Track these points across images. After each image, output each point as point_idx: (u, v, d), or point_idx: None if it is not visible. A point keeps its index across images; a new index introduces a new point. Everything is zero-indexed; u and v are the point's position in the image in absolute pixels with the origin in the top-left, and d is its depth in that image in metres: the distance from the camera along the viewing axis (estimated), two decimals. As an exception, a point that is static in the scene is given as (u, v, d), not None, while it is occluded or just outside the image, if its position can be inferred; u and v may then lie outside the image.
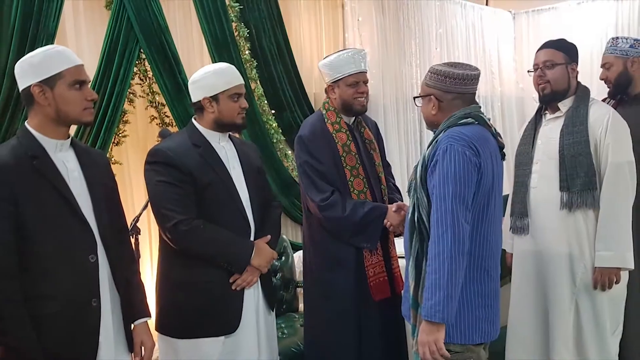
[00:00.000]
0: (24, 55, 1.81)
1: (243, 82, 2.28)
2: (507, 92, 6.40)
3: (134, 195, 3.63)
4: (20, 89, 1.78)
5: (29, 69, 1.75)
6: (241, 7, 4.01)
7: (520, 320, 2.63)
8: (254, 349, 2.23)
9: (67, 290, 1.74)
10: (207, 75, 2.22)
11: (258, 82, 4.15)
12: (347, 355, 2.56)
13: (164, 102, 3.63)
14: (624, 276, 2.48)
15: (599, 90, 3.23)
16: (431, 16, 5.55)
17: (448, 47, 5.74)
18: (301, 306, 3.24)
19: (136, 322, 1.99)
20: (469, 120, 1.92)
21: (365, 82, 2.61)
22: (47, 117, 1.77)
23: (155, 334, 2.17)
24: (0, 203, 1.65)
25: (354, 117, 2.68)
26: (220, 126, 2.24)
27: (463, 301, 1.86)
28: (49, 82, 1.74)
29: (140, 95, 3.62)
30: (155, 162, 2.15)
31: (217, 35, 3.83)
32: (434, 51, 5.54)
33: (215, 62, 3.68)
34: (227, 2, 3.93)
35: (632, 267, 2.43)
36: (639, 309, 2.77)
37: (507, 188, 2.52)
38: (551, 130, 2.57)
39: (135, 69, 3.52)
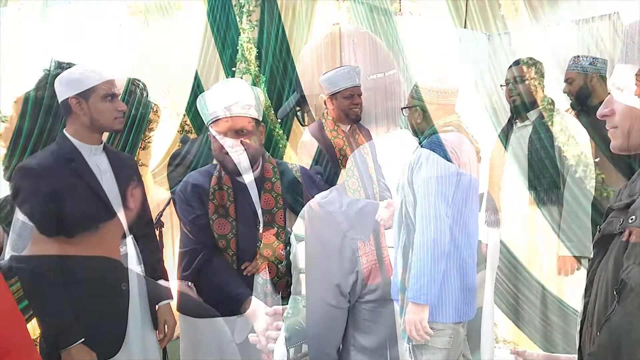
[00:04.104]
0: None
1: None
2: (483, 103, 6.39)
3: (158, 193, 3.62)
4: (60, 101, 1.78)
5: (67, 84, 1.76)
6: (252, 30, 4.01)
7: (493, 302, 2.63)
8: (263, 326, 2.23)
9: (100, 275, 1.75)
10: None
11: (266, 94, 4.14)
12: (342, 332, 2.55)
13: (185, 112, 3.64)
14: (584, 264, 2.49)
15: (562, 102, 3.23)
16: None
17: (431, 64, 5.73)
18: (304, 290, 3.24)
19: (160, 304, 1.99)
20: (450, 128, 1.93)
21: (359, 94, 2.62)
22: (83, 125, 1.77)
23: (176, 314, 2.17)
24: (43, 199, 1.66)
25: (349, 125, 2.68)
26: (235, 133, 2.22)
27: (444, 285, 1.86)
28: (84, 95, 1.75)
29: (163, 106, 3.62)
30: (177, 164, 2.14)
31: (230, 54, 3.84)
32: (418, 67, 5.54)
33: (229, 77, 3.69)
34: (240, 26, 3.93)
35: (592, 255, 2.42)
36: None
37: (483, 187, 2.53)
38: (521, 136, 2.57)
39: (159, 84, 3.52)
